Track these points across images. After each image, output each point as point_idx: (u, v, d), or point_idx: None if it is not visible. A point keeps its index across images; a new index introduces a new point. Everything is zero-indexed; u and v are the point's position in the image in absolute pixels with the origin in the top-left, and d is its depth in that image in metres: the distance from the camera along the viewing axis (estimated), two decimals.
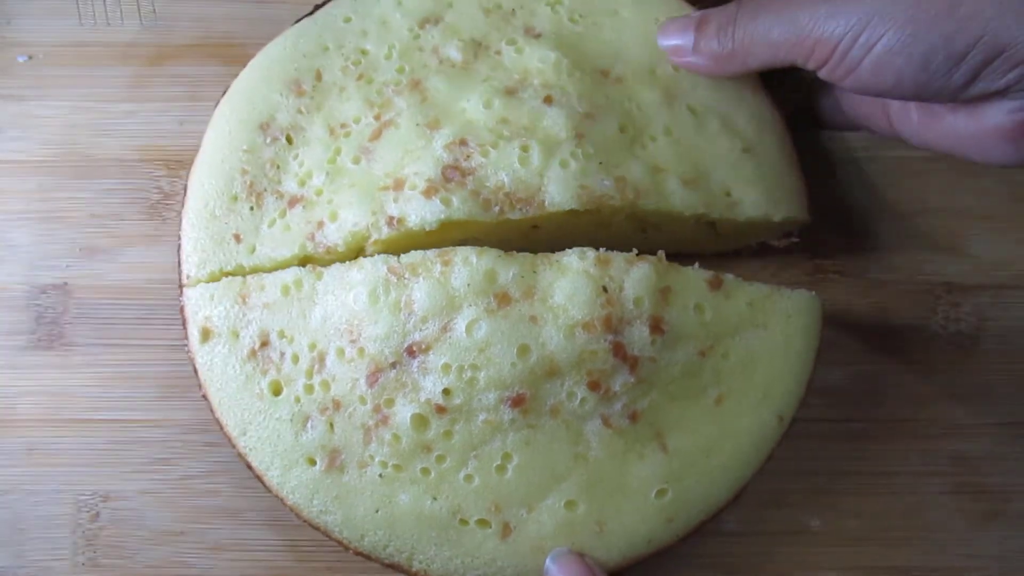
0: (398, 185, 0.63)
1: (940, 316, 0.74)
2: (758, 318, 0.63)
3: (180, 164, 0.76)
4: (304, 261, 0.65)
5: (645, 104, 0.67)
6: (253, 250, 0.64)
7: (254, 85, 0.68)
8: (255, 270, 0.64)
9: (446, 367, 0.58)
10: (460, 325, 0.58)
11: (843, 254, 0.75)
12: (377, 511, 0.60)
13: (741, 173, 0.66)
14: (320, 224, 0.64)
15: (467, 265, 0.59)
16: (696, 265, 0.62)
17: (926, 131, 0.63)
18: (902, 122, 0.65)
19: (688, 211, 0.64)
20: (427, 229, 0.61)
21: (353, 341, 0.60)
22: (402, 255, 0.61)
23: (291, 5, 0.80)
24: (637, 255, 0.61)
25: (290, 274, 0.63)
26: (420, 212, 0.61)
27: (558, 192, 0.61)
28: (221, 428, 0.63)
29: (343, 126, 0.67)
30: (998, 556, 0.70)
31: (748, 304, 0.63)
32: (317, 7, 0.72)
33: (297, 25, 0.71)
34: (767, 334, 0.63)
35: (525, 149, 0.62)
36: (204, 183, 0.66)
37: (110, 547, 0.68)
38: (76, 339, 0.72)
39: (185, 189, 0.67)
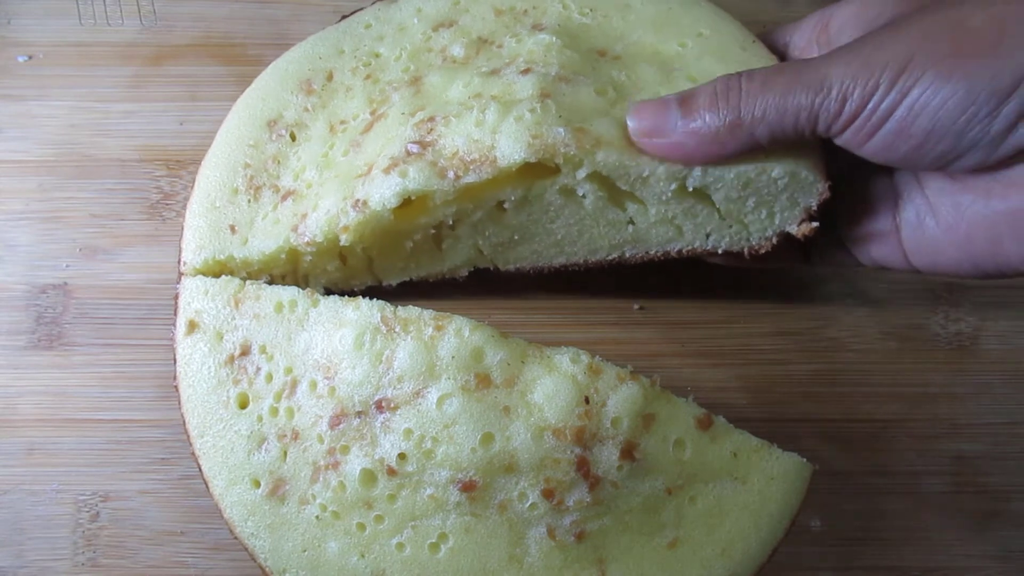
0: (369, 170, 0.62)
1: (940, 316, 0.74)
2: (739, 470, 0.60)
3: (180, 164, 0.76)
4: (289, 254, 0.65)
5: (640, 76, 0.64)
6: (246, 241, 0.65)
7: (269, 84, 0.69)
8: (245, 262, 0.64)
9: (408, 432, 0.58)
10: (433, 395, 0.58)
11: None
12: (304, 551, 0.60)
13: None
14: (304, 216, 0.64)
15: (458, 336, 0.58)
16: (691, 398, 0.61)
17: (947, 236, 0.55)
18: (915, 235, 0.57)
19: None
20: (387, 206, 0.60)
21: (328, 378, 0.60)
22: (399, 308, 0.60)
23: (291, 5, 0.80)
24: (632, 373, 0.59)
25: (288, 292, 0.62)
26: (380, 189, 0.60)
27: (508, 144, 0.59)
28: (183, 423, 0.63)
29: (342, 122, 0.67)
30: (998, 556, 0.70)
31: (733, 453, 0.60)
32: (344, 17, 0.72)
33: (322, 31, 0.71)
34: (744, 489, 0.60)
35: (483, 111, 0.60)
36: (209, 175, 0.67)
37: (110, 547, 0.68)
38: (76, 339, 0.72)
39: (195, 182, 0.67)
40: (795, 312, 0.73)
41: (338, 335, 0.60)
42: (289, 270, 0.67)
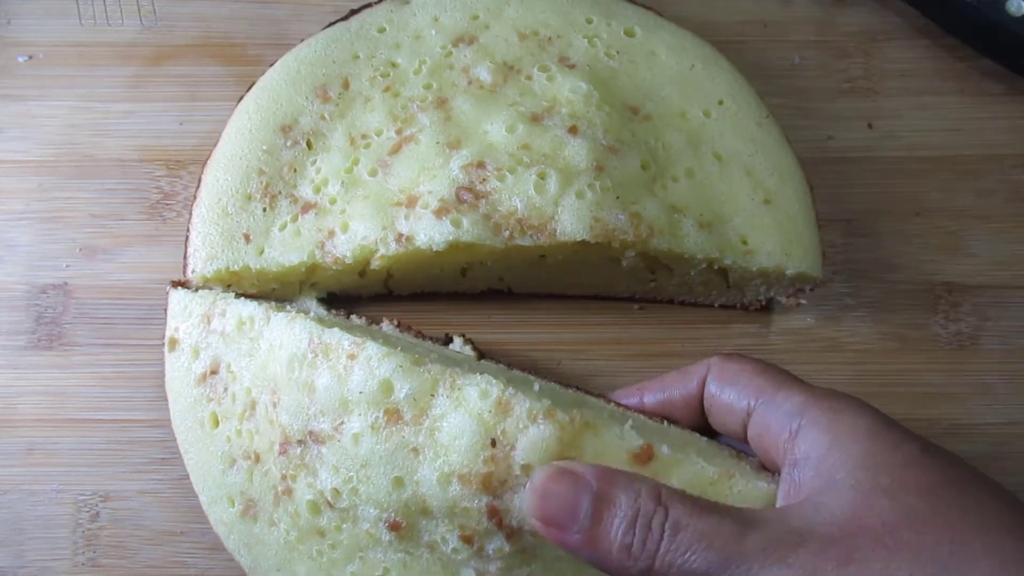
0: (411, 202, 0.62)
1: (940, 316, 0.74)
2: None
3: (180, 164, 0.76)
4: (312, 269, 0.65)
5: (671, 144, 0.67)
6: (262, 252, 0.64)
7: (281, 86, 0.68)
8: (261, 273, 0.64)
9: (335, 468, 0.56)
10: (348, 432, 0.55)
11: (843, 254, 0.75)
12: (278, 570, 0.60)
13: (759, 223, 0.66)
14: (331, 233, 0.63)
15: (367, 367, 0.55)
16: (629, 424, 0.54)
17: None
18: None
19: (701, 254, 0.64)
20: (435, 249, 0.61)
21: (275, 404, 0.58)
22: (326, 331, 0.57)
23: (291, 5, 0.80)
24: (548, 409, 0.52)
25: (248, 308, 0.62)
26: (429, 232, 0.61)
27: (571, 222, 0.61)
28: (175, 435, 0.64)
29: (364, 137, 0.67)
30: None
31: (683, 488, 0.50)
32: (353, 12, 0.71)
33: (331, 29, 0.71)
34: None
35: (542, 176, 0.62)
36: (220, 179, 0.66)
37: (110, 547, 0.68)
38: (76, 339, 0.72)
39: (199, 182, 0.67)
40: (795, 312, 0.73)
41: (278, 357, 0.59)
42: (301, 279, 0.67)
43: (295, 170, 0.66)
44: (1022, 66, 0.78)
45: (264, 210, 0.65)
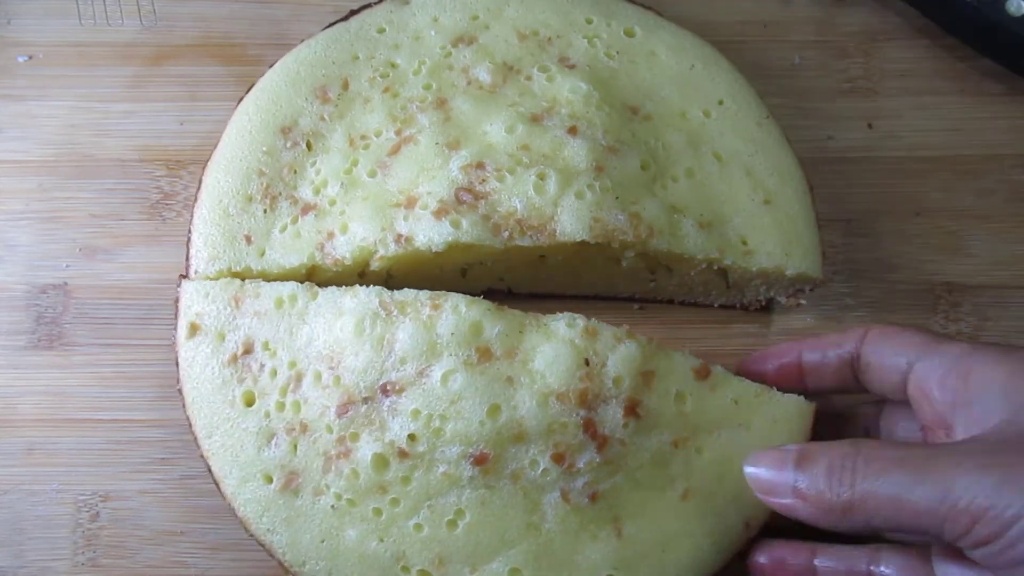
0: (410, 203, 0.63)
1: (940, 316, 0.74)
2: (742, 416, 0.62)
3: (180, 164, 0.76)
4: (311, 270, 0.65)
5: (671, 144, 0.67)
6: (263, 253, 0.64)
7: (280, 87, 0.68)
8: (263, 274, 0.64)
9: (415, 412, 0.58)
10: (436, 373, 0.58)
11: (843, 254, 0.75)
12: (323, 541, 0.60)
13: (759, 223, 0.66)
14: (331, 235, 0.64)
15: (455, 313, 0.59)
16: (686, 351, 0.62)
17: None
18: None
19: (701, 255, 0.64)
20: (434, 250, 0.61)
21: (332, 368, 0.60)
22: (395, 292, 0.61)
23: (291, 5, 0.80)
24: (629, 332, 0.60)
25: (287, 288, 0.62)
26: (428, 232, 0.61)
27: (570, 222, 0.61)
28: (190, 426, 0.63)
29: (363, 138, 0.67)
30: None
31: (733, 400, 0.62)
32: (352, 12, 0.72)
33: (330, 29, 0.70)
34: (748, 435, 0.62)
35: (542, 177, 0.62)
36: (220, 180, 0.66)
37: (110, 547, 0.68)
38: (76, 339, 0.72)
39: (199, 183, 0.67)
40: (795, 312, 0.73)
41: (338, 324, 0.60)
42: (301, 281, 0.67)
43: (295, 171, 0.66)
44: (1022, 66, 0.78)
45: (265, 212, 0.65)
